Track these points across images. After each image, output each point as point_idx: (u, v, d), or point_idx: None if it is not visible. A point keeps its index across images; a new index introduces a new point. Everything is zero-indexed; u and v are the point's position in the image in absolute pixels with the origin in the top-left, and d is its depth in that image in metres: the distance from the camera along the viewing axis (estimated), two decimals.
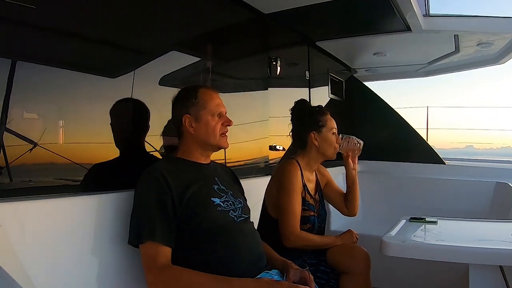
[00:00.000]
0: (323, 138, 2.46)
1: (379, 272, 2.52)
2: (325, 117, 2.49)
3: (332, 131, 2.47)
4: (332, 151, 2.47)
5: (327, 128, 2.46)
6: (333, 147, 2.46)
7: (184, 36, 2.50)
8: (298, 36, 3.91)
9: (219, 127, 1.88)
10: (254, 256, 1.82)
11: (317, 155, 2.48)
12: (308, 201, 2.40)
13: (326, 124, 2.47)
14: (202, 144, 1.90)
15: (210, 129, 1.86)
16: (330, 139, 2.46)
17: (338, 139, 2.48)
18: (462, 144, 9.50)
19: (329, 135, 2.46)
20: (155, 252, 1.61)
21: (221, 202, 1.82)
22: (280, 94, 3.58)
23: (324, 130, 2.46)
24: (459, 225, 2.40)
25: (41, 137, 1.62)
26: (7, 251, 1.35)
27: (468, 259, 1.89)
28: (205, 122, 1.86)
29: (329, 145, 2.45)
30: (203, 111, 1.87)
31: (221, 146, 1.92)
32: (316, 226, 2.42)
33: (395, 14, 3.23)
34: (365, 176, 4.74)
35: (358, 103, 5.13)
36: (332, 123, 2.49)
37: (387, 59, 4.80)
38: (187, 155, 1.90)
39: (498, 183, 3.92)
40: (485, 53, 4.38)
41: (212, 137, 1.87)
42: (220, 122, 1.88)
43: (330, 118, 2.50)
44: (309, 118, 2.50)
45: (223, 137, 1.90)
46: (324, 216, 2.56)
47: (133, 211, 1.72)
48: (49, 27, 1.69)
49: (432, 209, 2.09)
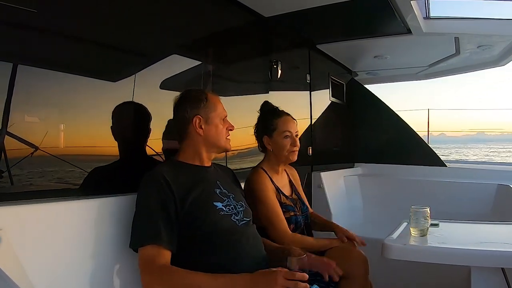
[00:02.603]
0: (274, 142, 2.41)
1: (380, 275, 2.51)
2: (277, 120, 2.42)
3: (284, 135, 2.40)
4: (285, 155, 2.41)
5: (278, 132, 2.40)
6: (285, 151, 2.40)
7: (185, 39, 2.51)
8: (299, 39, 3.92)
9: (225, 130, 1.94)
10: (257, 260, 1.82)
11: (275, 158, 2.45)
12: (285, 203, 2.37)
13: (278, 127, 2.40)
14: (210, 146, 1.92)
15: (219, 131, 1.92)
16: (281, 143, 2.39)
17: (294, 141, 2.41)
18: (473, 132, 9.44)
19: (280, 139, 2.40)
20: (155, 254, 1.61)
21: (223, 206, 1.83)
22: (281, 97, 3.58)
23: (275, 134, 2.41)
24: (461, 227, 2.40)
25: (42, 140, 1.62)
26: (8, 254, 1.35)
27: (470, 261, 1.88)
28: (215, 124, 1.91)
29: (281, 149, 2.40)
30: (213, 114, 1.91)
31: (227, 148, 1.98)
32: (300, 224, 2.41)
33: (396, 17, 3.24)
34: (366, 179, 4.76)
35: (359, 106, 5.14)
36: (284, 126, 2.41)
37: (387, 62, 4.81)
38: (189, 158, 1.91)
39: (500, 185, 3.91)
40: (485, 55, 4.38)
41: (219, 139, 1.92)
42: (225, 126, 1.94)
43: (284, 120, 2.42)
44: (262, 122, 2.47)
45: (228, 141, 1.97)
46: (307, 212, 2.54)
47: (136, 214, 1.72)
48: (50, 30, 1.69)
49: (433, 211, 2.07)
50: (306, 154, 3.95)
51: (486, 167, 4.92)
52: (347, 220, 4.13)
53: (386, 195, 4.46)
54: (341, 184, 4.44)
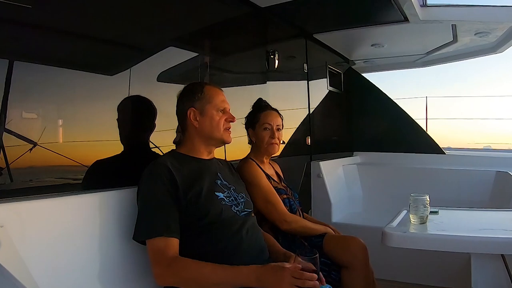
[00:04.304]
0: (256, 134, 2.47)
1: (380, 263, 2.53)
2: (260, 113, 2.48)
3: (263, 127, 2.45)
4: (265, 147, 2.46)
5: (259, 124, 2.46)
6: (264, 143, 2.45)
7: (182, 31, 2.50)
8: (295, 29, 3.90)
9: (223, 122, 1.90)
10: (257, 250, 1.84)
11: (258, 150, 2.49)
12: (276, 187, 2.43)
13: (259, 120, 2.46)
14: (206, 138, 1.91)
15: (215, 123, 1.89)
16: (261, 135, 2.45)
17: (273, 134, 2.44)
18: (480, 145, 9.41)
19: (260, 131, 2.45)
20: (164, 245, 1.62)
21: (225, 196, 1.84)
22: (278, 87, 3.58)
23: (257, 126, 2.47)
24: (460, 214, 2.41)
25: (41, 136, 1.62)
26: (10, 251, 1.35)
27: (470, 248, 1.89)
28: (210, 116, 1.89)
29: (261, 141, 2.45)
30: (208, 106, 1.89)
31: (224, 140, 1.93)
32: (294, 207, 2.46)
33: (392, 5, 3.22)
34: (365, 168, 4.77)
35: (357, 95, 5.14)
36: (265, 118, 2.46)
37: (385, 50, 4.79)
38: (190, 151, 1.92)
39: (498, 172, 3.93)
40: (483, 42, 4.36)
41: (216, 131, 1.89)
42: (224, 117, 1.91)
43: (266, 114, 2.47)
44: (249, 116, 2.53)
45: (227, 132, 1.93)
46: (299, 199, 2.60)
47: (141, 205, 1.73)
48: (45, 26, 1.69)
49: (433, 199, 2.07)
50: (304, 143, 3.95)
51: (484, 154, 4.94)
52: (346, 209, 4.16)
53: (385, 183, 4.48)
54: (340, 173, 4.45)
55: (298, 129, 3.91)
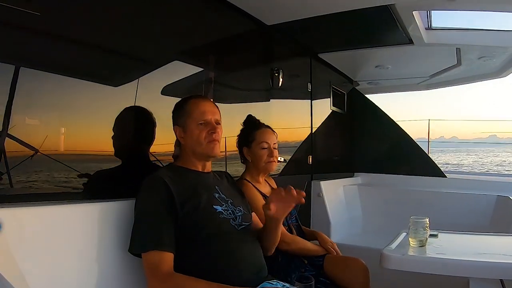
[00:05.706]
0: (252, 153, 2.44)
1: (379, 285, 2.50)
2: (256, 131, 2.46)
3: (261, 146, 2.43)
4: (263, 166, 2.44)
5: (255, 143, 2.44)
6: (262, 161, 2.43)
7: (187, 46, 2.52)
8: (300, 48, 3.93)
9: (204, 135, 1.85)
10: (255, 266, 1.82)
11: (255, 168, 2.47)
12: None
13: (256, 138, 2.44)
14: (193, 154, 1.91)
15: (195, 137, 1.86)
16: (259, 154, 2.43)
17: (271, 152, 2.43)
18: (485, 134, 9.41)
19: (257, 150, 2.43)
20: (159, 260, 1.61)
21: (223, 210, 1.83)
22: (282, 105, 3.59)
23: (253, 145, 2.44)
24: (460, 238, 2.39)
25: (42, 144, 1.62)
26: (7, 257, 1.34)
27: (469, 272, 1.88)
28: (190, 131, 1.87)
29: (259, 159, 2.43)
30: (188, 121, 1.88)
31: (208, 154, 1.89)
32: (291, 227, 2.44)
33: (398, 27, 3.24)
34: (366, 189, 4.75)
35: (359, 116, 5.14)
36: (262, 137, 2.44)
37: (389, 72, 4.81)
38: (186, 164, 1.92)
39: (499, 196, 3.90)
40: (487, 66, 4.39)
41: (198, 145, 1.87)
42: (205, 130, 1.86)
43: (262, 132, 2.46)
44: (243, 134, 2.51)
45: (210, 145, 1.86)
46: (296, 214, 2.57)
47: (136, 219, 1.72)
48: (53, 34, 1.70)
49: (432, 222, 2.07)
50: (306, 162, 3.95)
51: (485, 178, 4.91)
52: (346, 229, 4.13)
53: (386, 205, 4.45)
54: (340, 193, 4.43)
55: (300, 148, 3.91)
